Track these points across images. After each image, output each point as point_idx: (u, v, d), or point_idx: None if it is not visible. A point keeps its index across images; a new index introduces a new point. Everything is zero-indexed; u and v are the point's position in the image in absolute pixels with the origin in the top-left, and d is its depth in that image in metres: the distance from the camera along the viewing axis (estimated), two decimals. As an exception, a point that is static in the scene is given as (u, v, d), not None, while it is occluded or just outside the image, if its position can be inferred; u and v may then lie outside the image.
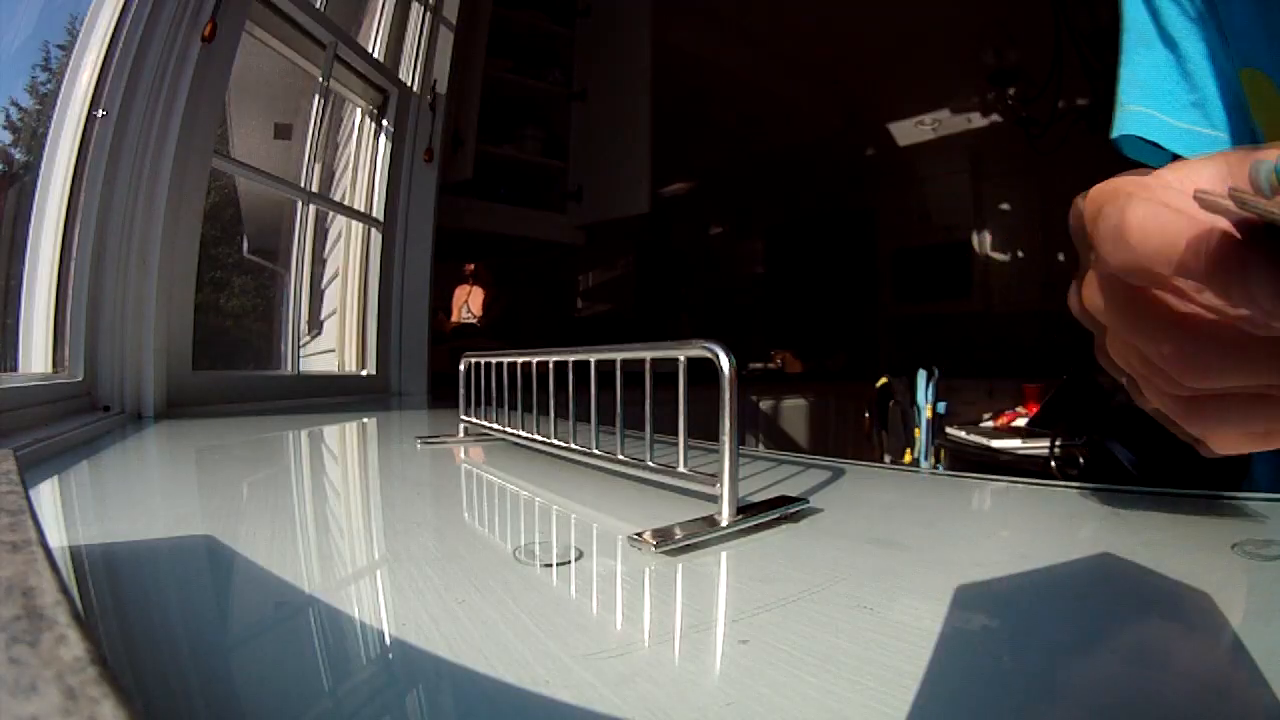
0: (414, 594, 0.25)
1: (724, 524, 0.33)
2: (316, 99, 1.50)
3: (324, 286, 1.81)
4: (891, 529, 0.35)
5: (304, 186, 1.47)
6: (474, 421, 0.66)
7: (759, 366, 3.57)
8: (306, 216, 1.50)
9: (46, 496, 0.44)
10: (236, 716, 0.17)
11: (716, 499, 0.34)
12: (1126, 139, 0.49)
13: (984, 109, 3.52)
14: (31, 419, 0.73)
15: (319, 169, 1.51)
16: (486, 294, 2.56)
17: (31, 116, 1.02)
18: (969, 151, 3.69)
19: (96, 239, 0.94)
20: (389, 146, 1.76)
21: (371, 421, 1.03)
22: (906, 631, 0.21)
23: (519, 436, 0.56)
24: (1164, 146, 0.44)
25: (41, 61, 1.03)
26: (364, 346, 1.73)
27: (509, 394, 0.58)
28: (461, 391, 0.68)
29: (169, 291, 1.03)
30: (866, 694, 0.17)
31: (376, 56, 1.70)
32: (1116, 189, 0.17)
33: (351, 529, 0.38)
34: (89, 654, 0.09)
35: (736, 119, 3.66)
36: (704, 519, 0.34)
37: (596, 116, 2.47)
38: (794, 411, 3.20)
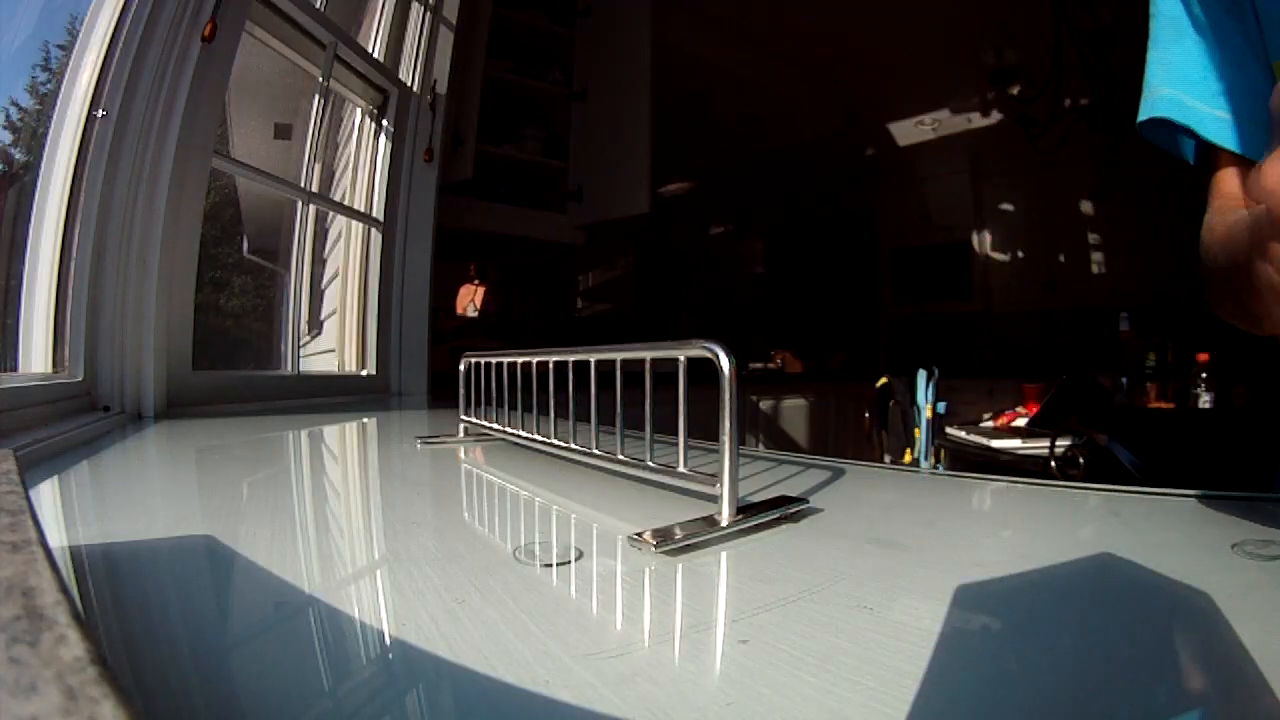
0: (414, 594, 0.25)
1: (724, 524, 0.33)
2: (316, 99, 1.50)
3: (324, 286, 1.81)
4: (891, 529, 0.35)
5: (304, 186, 1.47)
6: (474, 421, 0.66)
7: (759, 366, 3.56)
8: (306, 216, 1.50)
9: (46, 496, 0.44)
10: (236, 716, 0.17)
11: (716, 499, 0.34)
12: (1151, 124, 0.49)
13: (984, 109, 3.52)
14: (31, 419, 0.73)
15: (319, 169, 1.51)
16: (490, 292, 2.57)
17: (31, 116, 1.02)
18: (969, 151, 3.69)
19: (96, 239, 0.94)
20: (389, 146, 1.76)
21: (371, 421, 1.03)
22: (906, 631, 0.21)
23: (519, 436, 0.56)
24: (1196, 131, 0.44)
25: (41, 61, 1.03)
26: (364, 346, 1.73)
27: (509, 394, 0.58)
28: (461, 391, 0.68)
29: (169, 291, 1.03)
30: (866, 694, 0.17)
31: (376, 56, 1.70)
32: None
33: (351, 529, 0.38)
34: (89, 654, 0.09)
35: (736, 119, 3.66)
36: (704, 519, 0.34)
37: (596, 116, 2.47)
38: (794, 411, 3.20)
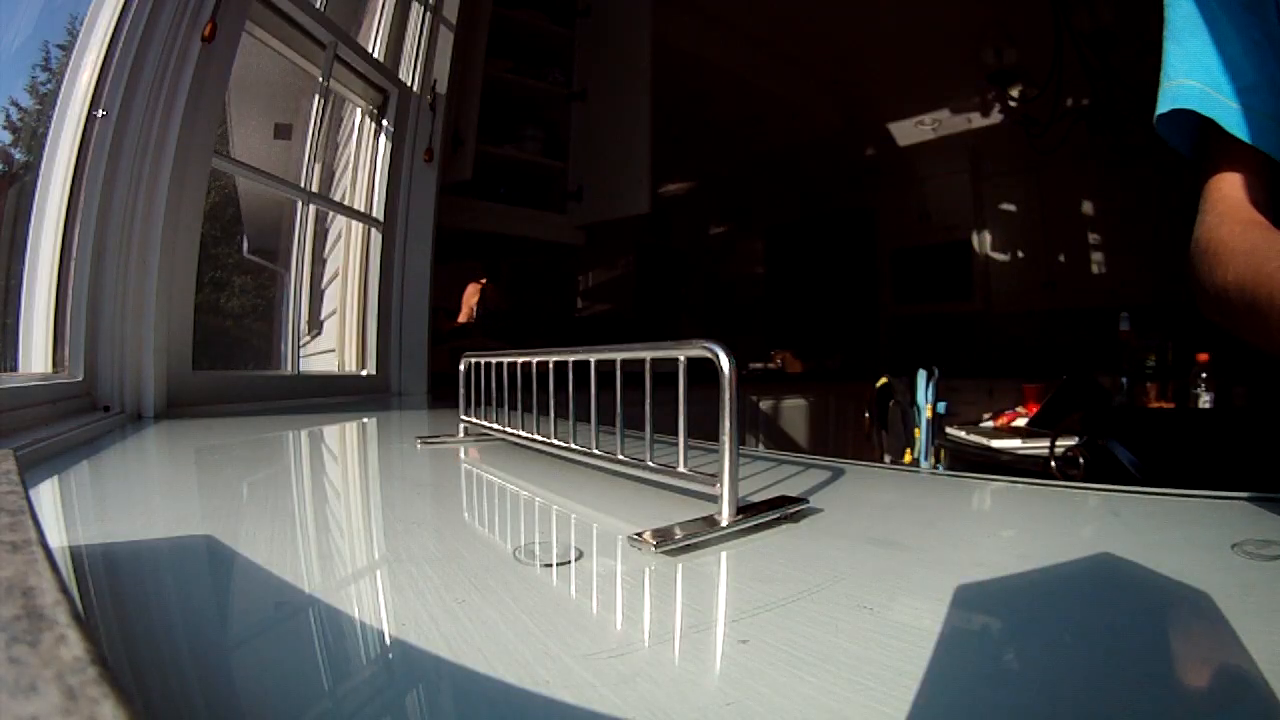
0: (414, 594, 0.25)
1: (724, 524, 0.33)
2: (316, 99, 1.50)
3: (324, 286, 1.81)
4: (891, 529, 0.35)
5: (304, 186, 1.47)
6: (474, 421, 0.66)
7: (759, 366, 3.56)
8: (306, 216, 1.50)
9: (46, 496, 0.44)
10: (236, 716, 0.17)
11: (716, 499, 0.34)
12: (1167, 118, 0.48)
13: (984, 109, 3.52)
14: (31, 419, 0.73)
15: (319, 169, 1.51)
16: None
17: (31, 116, 1.02)
18: (969, 151, 3.69)
19: (96, 239, 0.94)
20: (389, 146, 1.76)
21: (371, 421, 1.03)
22: (906, 631, 0.21)
23: (519, 436, 0.56)
24: (1221, 124, 0.43)
25: (41, 61, 1.03)
26: (364, 346, 1.73)
27: (509, 394, 0.58)
28: (461, 391, 0.68)
29: (169, 291, 1.03)
30: (866, 694, 0.17)
31: (376, 56, 1.70)
32: None
33: (351, 529, 0.38)
34: (89, 654, 0.09)
35: (736, 119, 3.66)
36: (704, 519, 0.34)
37: (596, 116, 2.47)
38: (794, 411, 3.20)
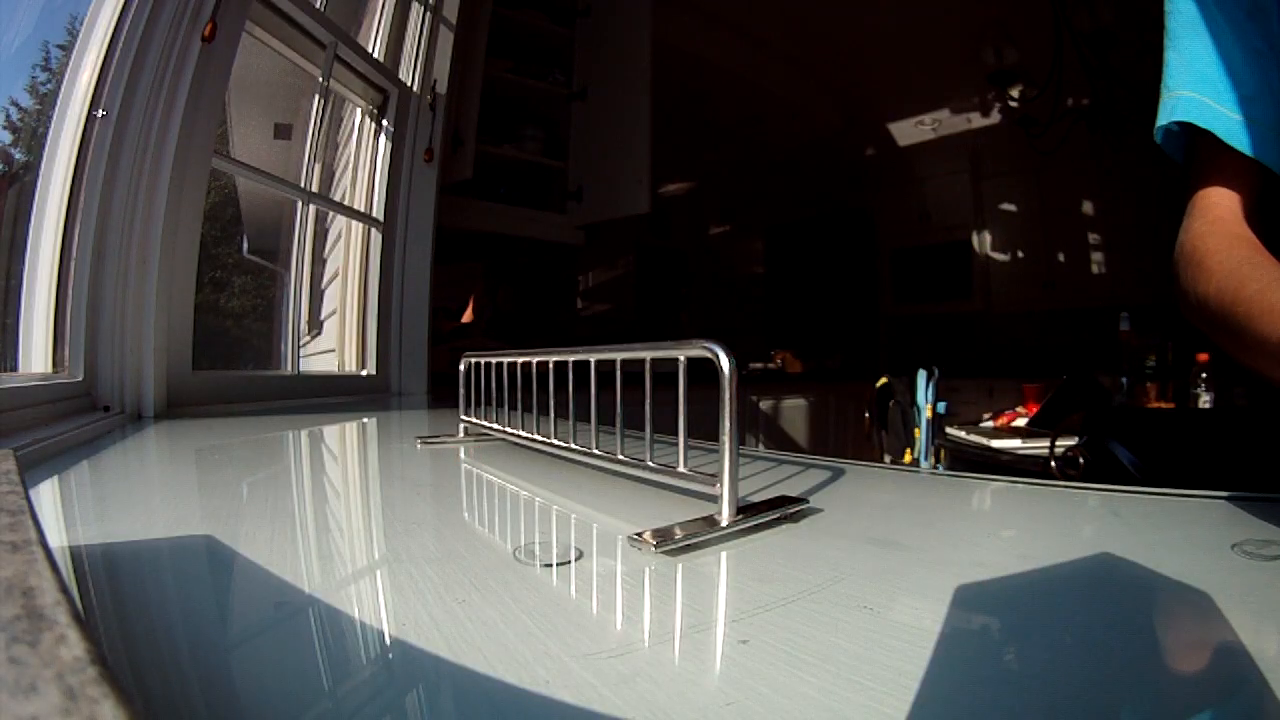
0: (414, 594, 0.25)
1: (724, 524, 0.33)
2: (316, 99, 1.50)
3: (324, 286, 1.81)
4: (891, 529, 0.35)
5: (304, 186, 1.47)
6: (474, 421, 0.65)
7: (759, 366, 3.56)
8: (306, 216, 1.50)
9: (46, 496, 0.44)
10: (236, 716, 0.17)
11: (716, 499, 0.34)
12: (1167, 130, 0.47)
13: (984, 109, 3.52)
14: (31, 419, 0.73)
15: (319, 169, 1.51)
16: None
17: (31, 116, 1.02)
18: (969, 151, 3.69)
19: (96, 239, 0.94)
20: (389, 146, 1.76)
21: (371, 421, 1.03)
22: (906, 631, 0.21)
23: (519, 436, 0.56)
24: (1219, 136, 0.43)
25: (41, 61, 1.03)
26: (364, 346, 1.73)
27: (509, 394, 0.58)
28: (461, 391, 0.68)
29: (169, 291, 1.03)
30: (866, 694, 0.17)
31: (376, 56, 1.70)
32: None
33: (351, 529, 0.38)
34: (89, 654, 0.09)
35: (736, 119, 3.66)
36: (704, 519, 0.34)
37: (596, 116, 2.47)
38: (794, 411, 3.20)
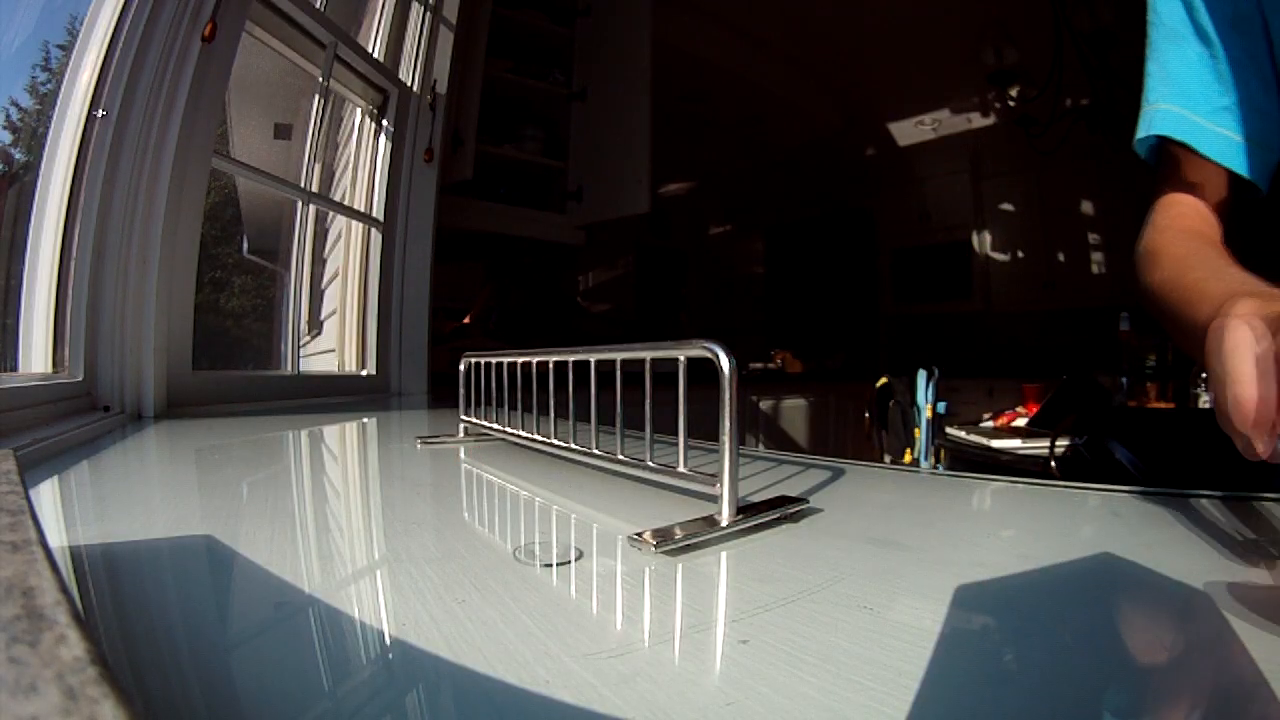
0: (414, 594, 0.25)
1: (724, 524, 0.33)
2: (316, 99, 1.50)
3: (324, 286, 1.81)
4: (891, 529, 0.35)
5: (304, 186, 1.47)
6: (474, 421, 0.65)
7: (759, 366, 3.56)
8: (306, 216, 1.50)
9: (46, 496, 0.44)
10: (236, 716, 0.17)
11: (716, 499, 0.34)
12: (1147, 141, 0.46)
13: (984, 109, 3.52)
14: (31, 419, 0.73)
15: (319, 169, 1.51)
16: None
17: (31, 116, 1.02)
18: (969, 151, 3.69)
19: (96, 239, 0.94)
20: (389, 146, 1.76)
21: (371, 421, 1.03)
22: (906, 631, 0.21)
23: (519, 436, 0.56)
24: (1195, 149, 0.42)
25: (41, 61, 1.03)
26: (364, 346, 1.73)
27: (509, 394, 0.58)
28: (461, 391, 0.68)
29: (169, 291, 1.03)
30: (866, 694, 0.17)
31: (376, 56, 1.70)
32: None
33: (351, 529, 0.38)
34: (89, 654, 0.09)
35: (736, 119, 3.66)
36: (704, 519, 0.34)
37: (596, 116, 2.47)
38: (794, 411, 3.20)
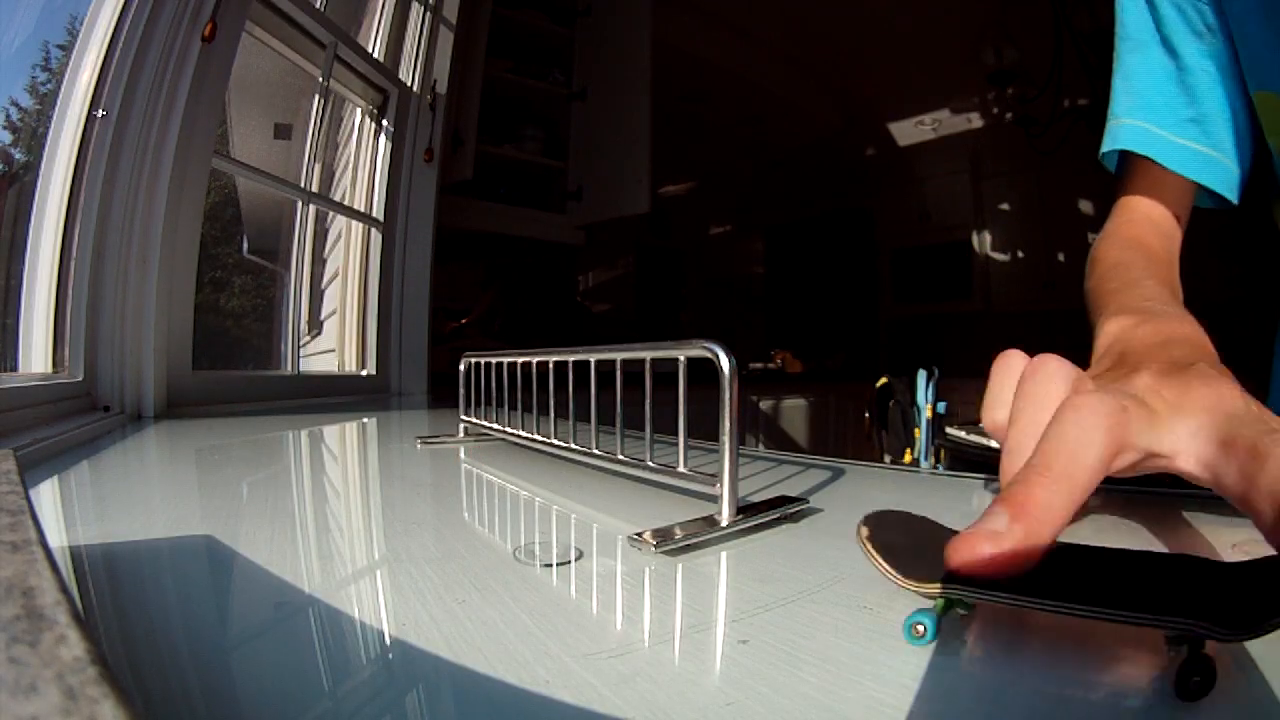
0: (414, 594, 0.25)
1: (724, 524, 0.33)
2: (316, 99, 1.50)
3: (324, 286, 1.81)
4: (891, 529, 0.35)
5: (304, 186, 1.47)
6: (474, 421, 0.66)
7: (759, 366, 3.57)
8: (306, 216, 1.50)
9: (46, 496, 0.44)
10: (236, 716, 0.17)
11: (716, 499, 0.34)
12: (1112, 155, 0.46)
13: (984, 109, 3.53)
14: (31, 419, 0.73)
15: (319, 169, 1.51)
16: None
17: (31, 116, 1.02)
18: (969, 151, 3.70)
19: (96, 239, 0.94)
20: (389, 146, 1.76)
21: (371, 421, 1.03)
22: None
23: (519, 436, 0.56)
24: (1159, 162, 0.41)
25: (41, 61, 1.03)
26: (364, 346, 1.73)
27: (509, 394, 0.58)
28: (461, 391, 0.68)
29: (169, 291, 1.03)
30: (866, 694, 0.17)
31: (376, 56, 1.70)
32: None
33: (351, 529, 0.38)
34: (89, 654, 0.09)
35: (736, 119, 3.66)
36: (704, 519, 0.34)
37: (596, 116, 2.47)
38: (794, 411, 3.20)
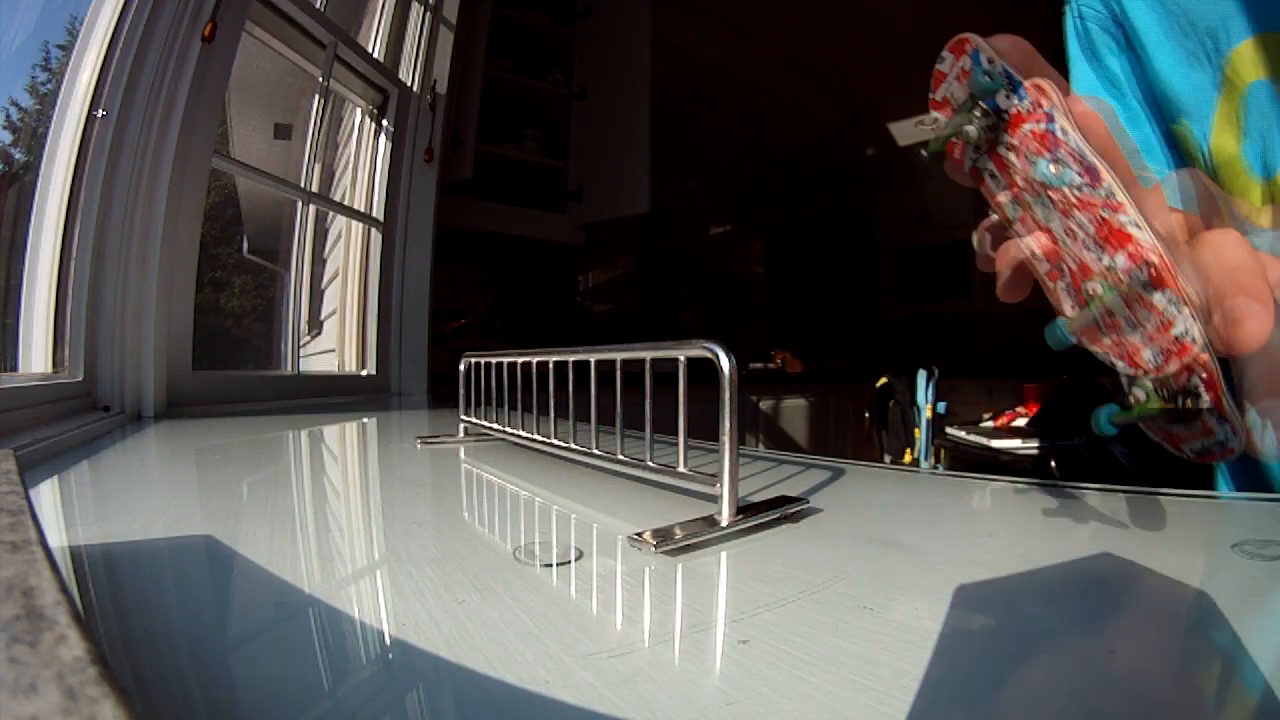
0: (414, 594, 0.25)
1: (724, 524, 0.33)
2: (316, 99, 1.50)
3: (324, 286, 1.81)
4: (891, 529, 0.35)
5: (304, 186, 1.47)
6: (474, 421, 0.66)
7: (759, 366, 3.56)
8: (306, 216, 1.50)
9: (46, 496, 0.44)
10: (236, 716, 0.17)
11: (716, 499, 0.34)
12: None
13: (984, 109, 3.52)
14: (31, 419, 0.73)
15: (319, 169, 1.51)
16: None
17: (31, 116, 1.02)
18: (969, 151, 3.69)
19: (96, 239, 0.94)
20: (389, 146, 1.76)
21: (371, 421, 1.03)
22: (906, 631, 0.21)
23: (519, 436, 0.56)
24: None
25: (41, 61, 1.03)
26: (364, 346, 1.73)
27: (509, 394, 0.58)
28: (461, 391, 0.68)
29: (169, 291, 1.03)
30: (866, 694, 0.17)
31: (376, 56, 1.70)
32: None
33: (351, 529, 0.38)
34: (89, 654, 0.09)
35: (736, 119, 3.66)
36: (704, 519, 0.34)
37: (596, 116, 2.47)
38: (794, 411, 3.20)
